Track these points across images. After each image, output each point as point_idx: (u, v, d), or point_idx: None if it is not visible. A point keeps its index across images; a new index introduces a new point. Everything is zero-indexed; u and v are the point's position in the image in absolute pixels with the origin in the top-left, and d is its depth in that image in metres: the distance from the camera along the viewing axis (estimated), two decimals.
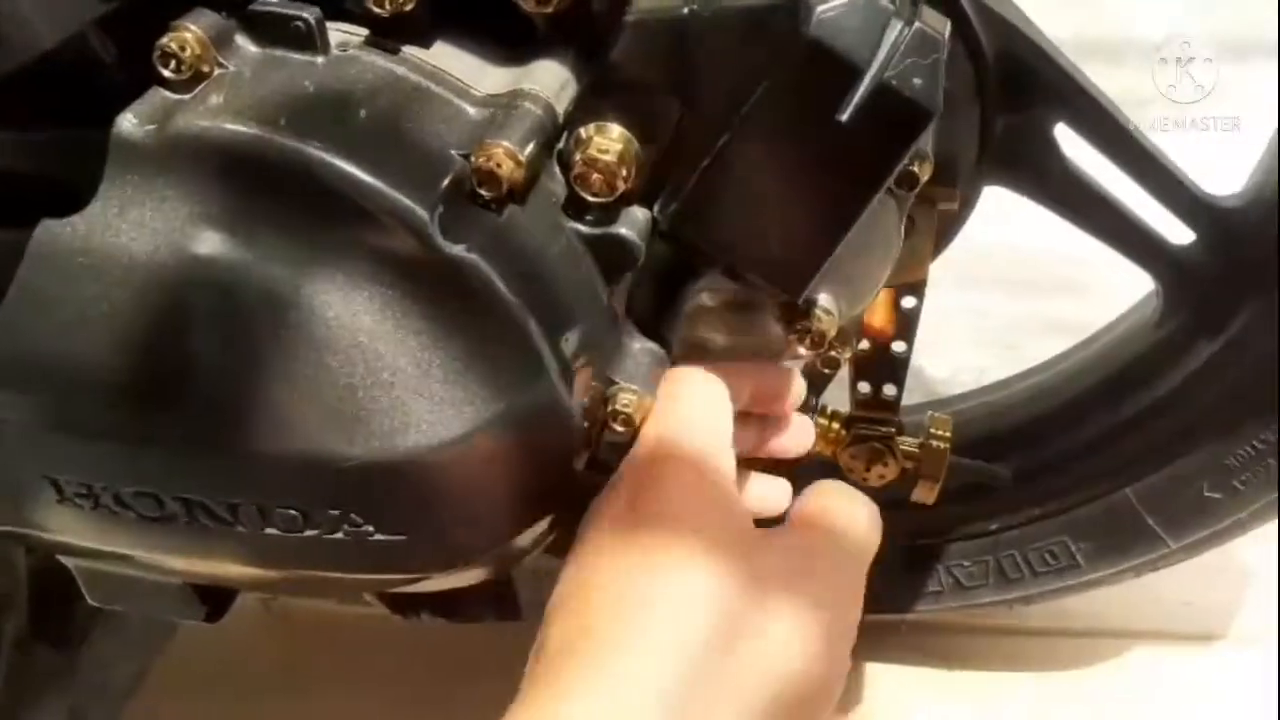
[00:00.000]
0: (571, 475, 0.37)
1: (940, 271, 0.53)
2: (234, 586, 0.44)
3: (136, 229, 0.32)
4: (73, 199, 0.33)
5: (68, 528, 0.37)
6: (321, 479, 0.34)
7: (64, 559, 0.41)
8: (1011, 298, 0.94)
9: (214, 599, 0.45)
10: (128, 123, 0.32)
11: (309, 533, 0.35)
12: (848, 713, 0.67)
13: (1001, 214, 0.56)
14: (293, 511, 0.35)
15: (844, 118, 0.32)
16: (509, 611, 0.44)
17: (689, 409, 0.38)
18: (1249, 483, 0.56)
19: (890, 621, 0.69)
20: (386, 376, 0.33)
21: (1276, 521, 0.60)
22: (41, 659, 0.63)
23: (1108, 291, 0.64)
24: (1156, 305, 0.56)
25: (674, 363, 0.40)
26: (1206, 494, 0.57)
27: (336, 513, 0.35)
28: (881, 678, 0.70)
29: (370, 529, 0.35)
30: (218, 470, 0.34)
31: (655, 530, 0.34)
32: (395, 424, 0.33)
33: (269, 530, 0.36)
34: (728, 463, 0.38)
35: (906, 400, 0.56)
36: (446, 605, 0.46)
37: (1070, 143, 0.52)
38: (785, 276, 0.37)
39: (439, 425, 0.33)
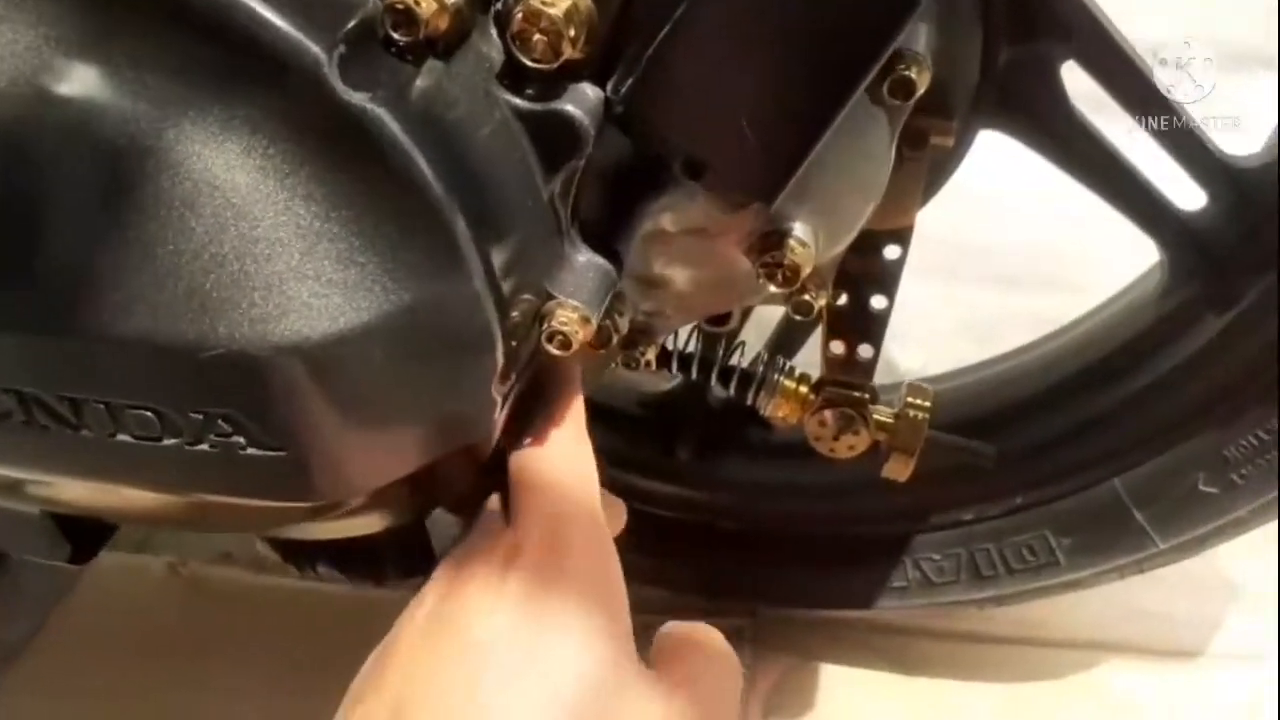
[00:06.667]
0: (489, 404, 0.32)
1: (919, 264, 0.48)
2: (95, 515, 0.37)
3: None
4: None
5: None
6: (180, 372, 0.28)
7: None
8: (993, 293, 0.90)
9: (81, 536, 0.39)
10: None
11: (168, 441, 0.29)
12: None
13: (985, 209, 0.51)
14: (147, 413, 0.29)
15: None
16: (419, 567, 0.38)
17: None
18: (1249, 477, 0.51)
19: (849, 619, 0.64)
20: (263, 249, 0.27)
21: (1276, 536, 0.56)
22: None
23: (1094, 287, 0.61)
24: (1161, 276, 0.52)
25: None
26: (1201, 488, 0.52)
27: (200, 416, 0.29)
28: (836, 680, 0.65)
29: (241, 440, 0.29)
30: (55, 357, 0.28)
31: (555, 601, 0.31)
32: (271, 308, 0.27)
33: (120, 437, 0.30)
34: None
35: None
36: (345, 558, 0.40)
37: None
38: (757, 173, 0.31)
39: (325, 314, 0.27)
